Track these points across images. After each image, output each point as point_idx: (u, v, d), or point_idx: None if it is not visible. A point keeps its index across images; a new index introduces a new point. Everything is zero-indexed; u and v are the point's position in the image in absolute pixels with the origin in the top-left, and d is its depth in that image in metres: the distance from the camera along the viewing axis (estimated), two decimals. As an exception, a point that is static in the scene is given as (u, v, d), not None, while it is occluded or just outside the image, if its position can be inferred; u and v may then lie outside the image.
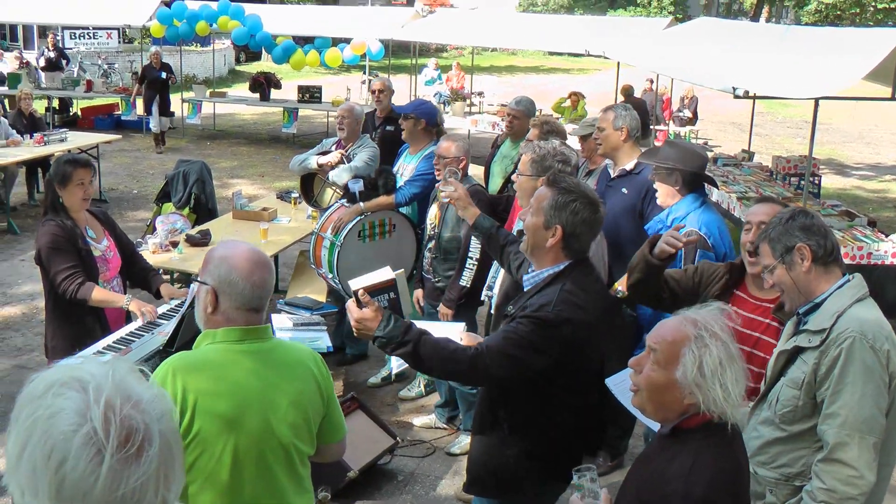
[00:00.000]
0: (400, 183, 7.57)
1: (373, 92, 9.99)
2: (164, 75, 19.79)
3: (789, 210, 3.89)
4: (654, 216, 5.78)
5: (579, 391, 4.05)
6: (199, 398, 2.98)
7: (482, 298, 6.78)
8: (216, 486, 3.04)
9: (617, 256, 5.82)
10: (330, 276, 7.40)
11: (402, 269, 4.94)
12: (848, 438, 3.49)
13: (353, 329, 3.85)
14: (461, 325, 5.00)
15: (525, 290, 4.14)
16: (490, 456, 4.20)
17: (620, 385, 4.23)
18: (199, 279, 3.20)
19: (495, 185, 8.21)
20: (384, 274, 4.15)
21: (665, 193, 5.45)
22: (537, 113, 8.57)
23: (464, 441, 6.90)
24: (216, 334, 3.12)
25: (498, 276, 6.37)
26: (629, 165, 6.31)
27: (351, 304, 3.83)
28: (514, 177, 5.74)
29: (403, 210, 7.59)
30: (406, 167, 7.67)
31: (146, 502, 1.60)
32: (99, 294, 5.53)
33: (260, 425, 3.07)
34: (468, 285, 6.61)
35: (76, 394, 1.61)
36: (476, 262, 6.58)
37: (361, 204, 7.32)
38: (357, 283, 3.89)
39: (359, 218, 7.37)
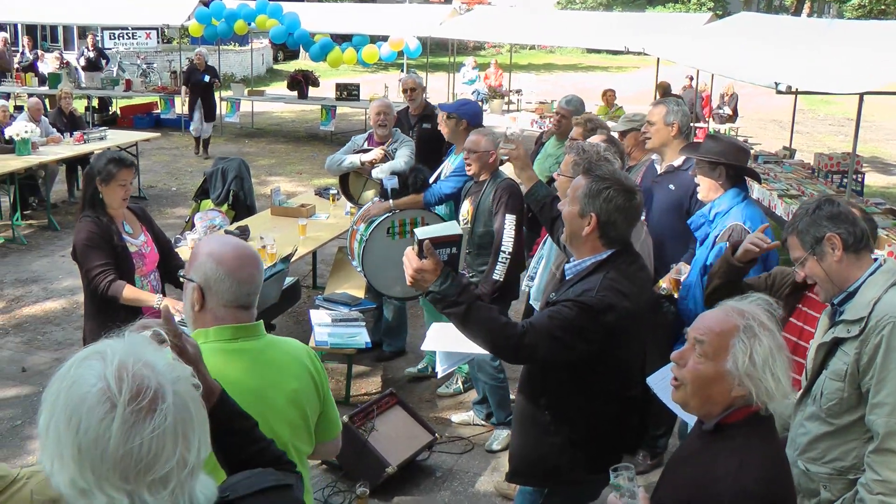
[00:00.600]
0: None
1: (405, 91, 9.88)
2: (207, 78, 19.17)
3: (815, 199, 3.85)
4: (697, 211, 5.70)
5: (622, 382, 4.03)
6: None
7: (522, 288, 6.74)
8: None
9: (661, 254, 5.76)
10: (360, 269, 7.47)
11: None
12: None
13: (408, 278, 3.75)
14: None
15: (567, 278, 4.10)
16: (533, 445, 4.17)
17: (661, 382, 4.17)
18: (184, 276, 3.07)
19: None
20: (451, 228, 4.06)
21: (707, 187, 5.37)
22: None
23: (501, 436, 6.88)
24: (208, 333, 2.98)
25: (539, 266, 6.33)
26: (677, 162, 6.19)
27: (410, 252, 3.74)
28: (555, 175, 5.70)
29: (439, 210, 7.55)
30: (449, 167, 7.63)
31: (164, 458, 1.67)
32: (130, 293, 5.56)
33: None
34: (501, 279, 6.56)
35: (95, 363, 1.74)
36: (509, 257, 6.53)
37: (391, 201, 7.30)
38: (424, 233, 3.79)
39: (387, 214, 7.34)
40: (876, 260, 3.73)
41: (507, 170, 6.46)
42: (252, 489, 2.07)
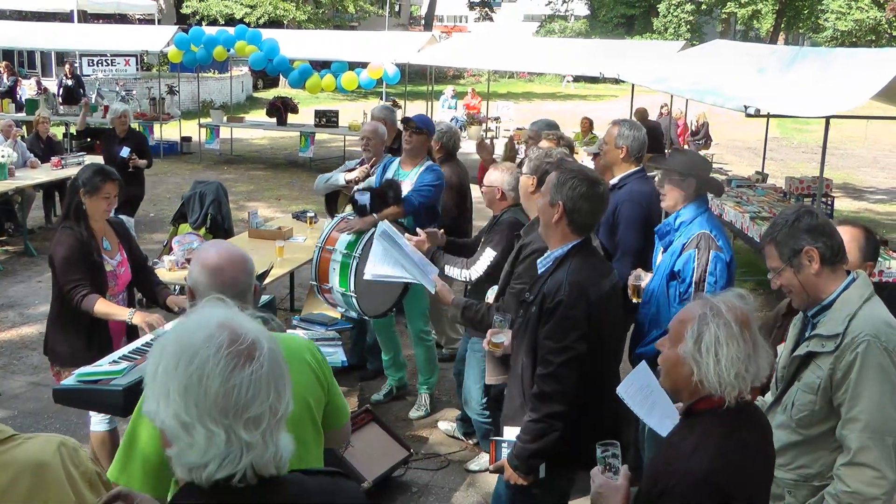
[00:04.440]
0: None
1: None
2: (126, 153, 12.57)
3: (794, 210, 3.86)
4: (620, 230, 6.17)
5: (599, 370, 4.33)
6: None
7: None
8: None
9: None
10: (340, 290, 7.09)
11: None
12: (870, 442, 3.49)
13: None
14: (435, 270, 5.52)
15: (539, 272, 4.45)
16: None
17: (630, 389, 4.29)
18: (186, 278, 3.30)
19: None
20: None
21: (674, 198, 5.52)
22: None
23: (482, 459, 6.94)
24: None
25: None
26: (614, 181, 6.37)
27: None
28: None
29: (401, 220, 7.54)
30: (403, 181, 7.61)
31: (258, 401, 1.94)
32: (102, 307, 5.64)
33: None
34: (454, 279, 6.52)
35: (200, 318, 2.03)
36: (471, 283, 6.47)
37: (375, 215, 7.24)
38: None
39: (373, 230, 7.33)
40: (850, 273, 3.77)
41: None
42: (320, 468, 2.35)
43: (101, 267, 5.80)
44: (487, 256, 6.26)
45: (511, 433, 4.48)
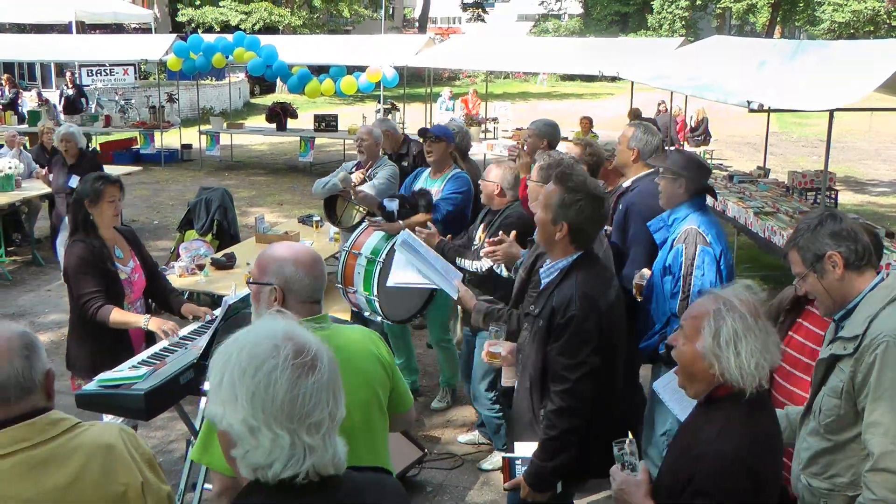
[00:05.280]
0: None
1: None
2: (75, 183, 10.19)
3: (817, 215, 3.78)
4: (631, 230, 6.22)
5: (611, 377, 4.37)
6: None
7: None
8: None
9: None
10: (364, 294, 7.10)
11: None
12: (892, 446, 3.37)
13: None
14: (458, 276, 5.59)
15: (543, 284, 4.48)
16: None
17: (668, 387, 4.43)
18: (256, 282, 3.33)
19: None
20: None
21: (669, 195, 5.64)
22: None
23: (495, 458, 6.98)
24: None
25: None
26: (626, 183, 6.52)
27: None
28: (525, 178, 6.21)
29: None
30: (432, 189, 7.72)
31: (320, 407, 2.09)
32: (117, 316, 5.67)
33: None
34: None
35: (264, 331, 2.18)
36: (473, 273, 6.46)
37: (401, 222, 7.26)
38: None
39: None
40: (879, 274, 3.69)
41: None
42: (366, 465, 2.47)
43: (116, 276, 5.83)
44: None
45: (523, 449, 4.49)
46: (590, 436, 4.27)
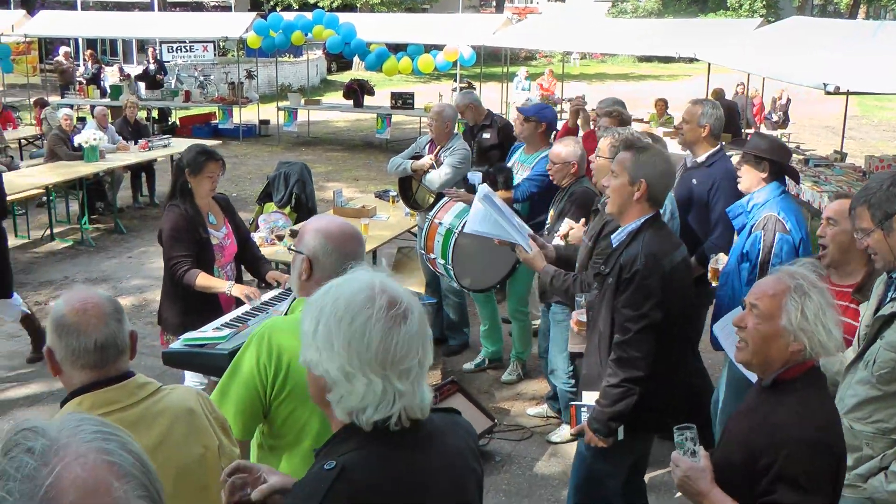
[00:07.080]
0: (516, 181, 7.73)
1: (461, 112, 10.12)
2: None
3: (889, 175, 3.87)
4: (719, 206, 6.25)
5: (672, 338, 4.53)
6: (292, 359, 3.18)
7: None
8: (310, 434, 3.28)
9: None
10: (441, 262, 7.41)
11: None
12: None
13: None
14: (528, 230, 5.71)
15: (614, 246, 4.66)
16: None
17: (726, 329, 4.55)
18: (294, 248, 3.45)
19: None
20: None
21: (750, 179, 5.64)
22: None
23: (563, 431, 7.09)
24: None
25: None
26: (701, 158, 6.59)
27: None
28: (592, 157, 6.21)
29: (516, 207, 7.70)
30: (521, 167, 7.83)
31: (410, 356, 2.21)
32: (202, 280, 5.90)
33: None
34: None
35: (358, 282, 2.27)
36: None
37: None
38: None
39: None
40: None
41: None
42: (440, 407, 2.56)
43: (208, 242, 6.05)
44: (566, 227, 6.40)
45: (589, 398, 4.69)
46: (656, 391, 4.47)
